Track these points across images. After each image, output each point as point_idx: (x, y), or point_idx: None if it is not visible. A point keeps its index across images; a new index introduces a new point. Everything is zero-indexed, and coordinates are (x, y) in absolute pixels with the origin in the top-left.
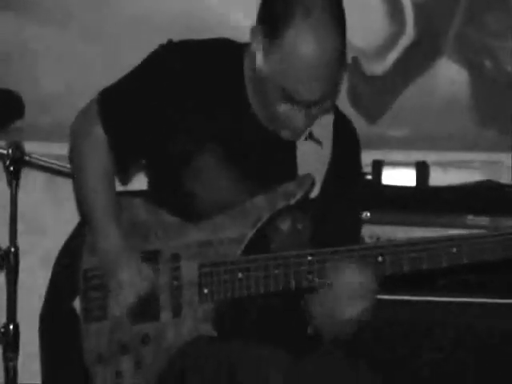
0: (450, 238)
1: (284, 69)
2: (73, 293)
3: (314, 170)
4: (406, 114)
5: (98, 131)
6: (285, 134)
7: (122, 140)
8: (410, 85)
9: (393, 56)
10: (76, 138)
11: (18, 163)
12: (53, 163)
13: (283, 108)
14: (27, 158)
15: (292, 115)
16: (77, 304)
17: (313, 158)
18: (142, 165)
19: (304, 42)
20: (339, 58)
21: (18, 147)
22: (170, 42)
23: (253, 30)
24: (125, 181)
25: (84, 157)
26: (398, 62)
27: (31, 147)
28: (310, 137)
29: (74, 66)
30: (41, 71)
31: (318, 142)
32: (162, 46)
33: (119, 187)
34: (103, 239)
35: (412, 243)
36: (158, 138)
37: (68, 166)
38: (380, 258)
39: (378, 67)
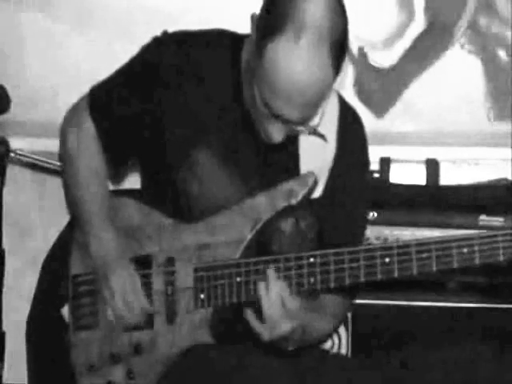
0: (461, 238)
1: (264, 77)
2: (61, 299)
3: (318, 166)
4: (416, 107)
5: (89, 129)
6: (264, 135)
7: (114, 138)
8: (420, 76)
9: (401, 46)
10: (66, 137)
11: (3, 160)
12: (40, 160)
13: (262, 110)
14: (13, 154)
15: (269, 122)
16: (65, 311)
17: (316, 154)
18: (134, 163)
19: (287, 62)
20: (325, 89)
21: (3, 143)
22: (164, 33)
23: (252, 18)
24: (117, 180)
25: (75, 156)
26: (407, 52)
27: (17, 143)
28: (314, 131)
29: (64, 59)
30: (28, 63)
31: (322, 137)
32: (156, 38)
33: (111, 187)
34: (96, 244)
35: (421, 243)
36: (152, 134)
37: (56, 163)
38: (387, 260)
39: (386, 58)
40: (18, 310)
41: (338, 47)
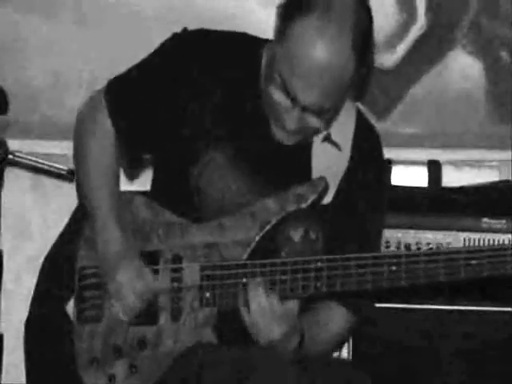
0: (470, 250)
1: (286, 56)
2: (64, 295)
3: (330, 174)
4: (417, 109)
5: (105, 122)
6: (276, 132)
7: (129, 132)
8: (422, 78)
9: (403, 47)
10: (81, 129)
11: (1, 162)
12: (39, 162)
13: (277, 97)
14: (11, 156)
15: (284, 110)
16: (70, 308)
17: (329, 162)
18: (148, 160)
19: (311, 41)
20: (343, 78)
21: (1, 145)
22: (184, 29)
23: (278, 8)
24: (132, 176)
25: (88, 149)
26: (409, 54)
27: (16, 145)
28: (328, 139)
29: (63, 58)
30: (27, 63)
31: (336, 146)
32: (176, 34)
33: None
34: (104, 239)
35: (429, 253)
36: (166, 130)
37: (54, 164)
38: (394, 268)
39: (387, 59)
40: (17, 311)
41: (362, 41)
